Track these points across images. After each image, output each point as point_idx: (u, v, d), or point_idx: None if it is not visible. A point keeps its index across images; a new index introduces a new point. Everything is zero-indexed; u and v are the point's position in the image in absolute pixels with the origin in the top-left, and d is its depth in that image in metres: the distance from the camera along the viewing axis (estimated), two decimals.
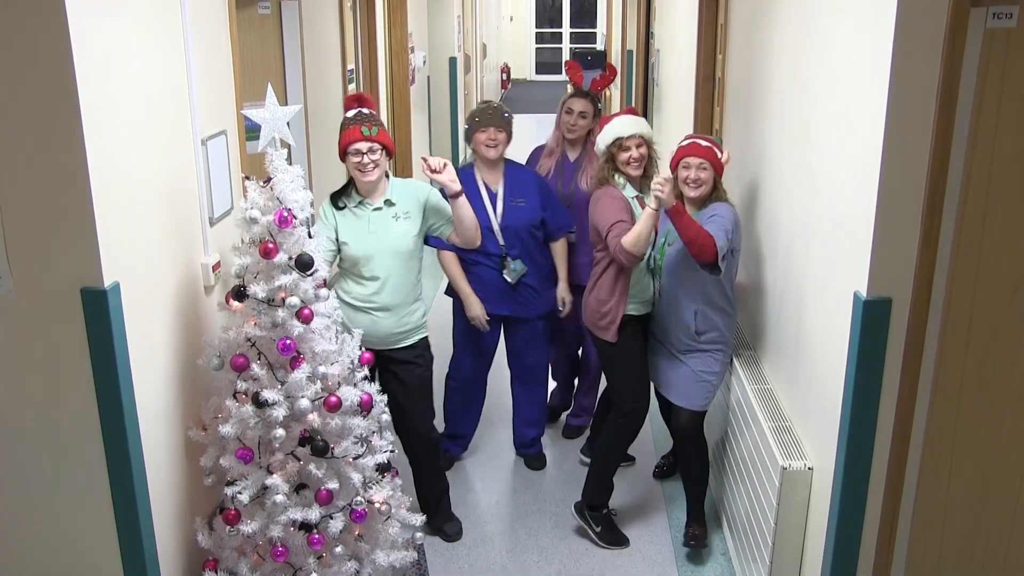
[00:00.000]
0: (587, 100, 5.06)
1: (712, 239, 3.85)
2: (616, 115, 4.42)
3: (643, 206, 4.12)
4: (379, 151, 3.96)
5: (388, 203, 4.07)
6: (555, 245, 4.96)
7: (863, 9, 2.97)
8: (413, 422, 4.32)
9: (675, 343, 4.28)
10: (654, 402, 4.65)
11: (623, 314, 4.28)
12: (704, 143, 4.12)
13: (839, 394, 3.17)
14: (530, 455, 5.35)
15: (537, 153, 5.31)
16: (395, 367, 4.22)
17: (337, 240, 4.04)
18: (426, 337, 4.33)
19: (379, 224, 4.03)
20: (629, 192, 4.27)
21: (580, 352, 5.63)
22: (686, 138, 4.23)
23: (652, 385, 4.50)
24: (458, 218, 4.08)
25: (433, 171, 3.90)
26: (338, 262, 4.13)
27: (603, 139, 4.33)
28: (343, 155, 4.02)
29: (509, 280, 4.76)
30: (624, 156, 4.27)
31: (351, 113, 4.01)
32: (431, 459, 4.49)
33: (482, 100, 4.95)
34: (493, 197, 4.75)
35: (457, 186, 3.98)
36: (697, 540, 4.44)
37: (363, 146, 3.93)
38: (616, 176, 4.31)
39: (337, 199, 4.10)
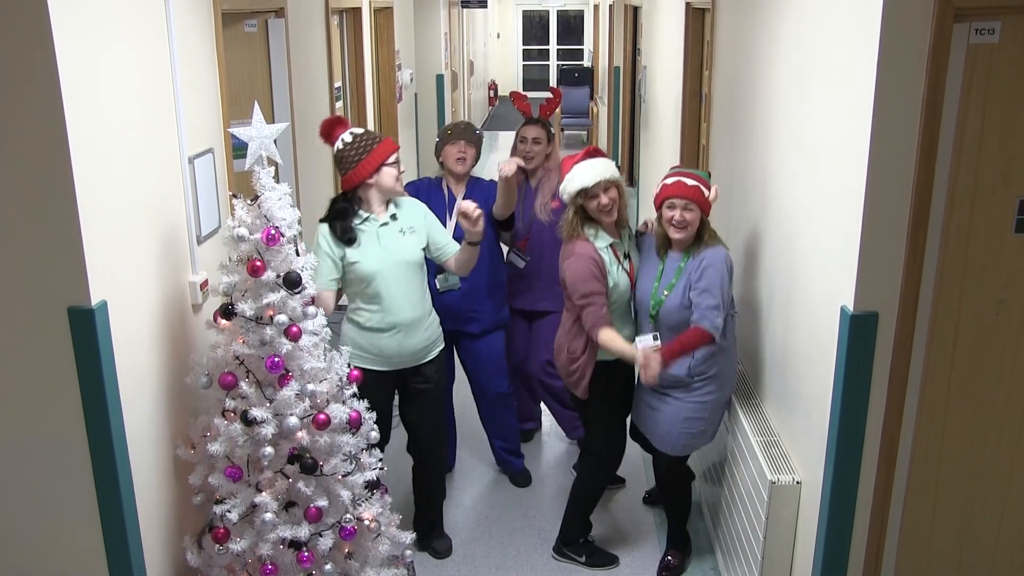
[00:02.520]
0: (539, 127, 5.07)
1: (707, 336, 3.79)
2: (575, 159, 4.08)
3: (616, 254, 4.05)
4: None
5: (393, 218, 4.04)
6: None
7: (848, 25, 3.00)
8: (429, 441, 4.36)
9: (665, 384, 3.98)
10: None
11: (596, 363, 4.10)
12: (690, 182, 3.86)
13: (827, 408, 3.18)
14: (513, 472, 5.35)
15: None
16: (418, 384, 4.21)
17: (343, 263, 3.94)
18: (444, 348, 4.33)
19: (388, 239, 4.00)
20: (602, 241, 4.02)
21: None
22: (671, 174, 3.97)
23: (633, 423, 4.39)
24: (467, 258, 4.15)
25: (466, 217, 3.92)
26: (348, 286, 4.03)
27: (566, 191, 4.04)
28: (374, 171, 3.92)
29: (438, 287, 4.72)
30: (593, 204, 3.97)
31: (361, 131, 3.95)
32: (439, 478, 4.54)
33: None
34: (452, 203, 4.71)
35: (480, 238, 4.04)
36: (670, 571, 4.42)
37: (398, 154, 4.00)
38: (585, 228, 4.04)
39: (339, 227, 3.94)
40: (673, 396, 4.02)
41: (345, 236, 3.92)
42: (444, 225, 4.53)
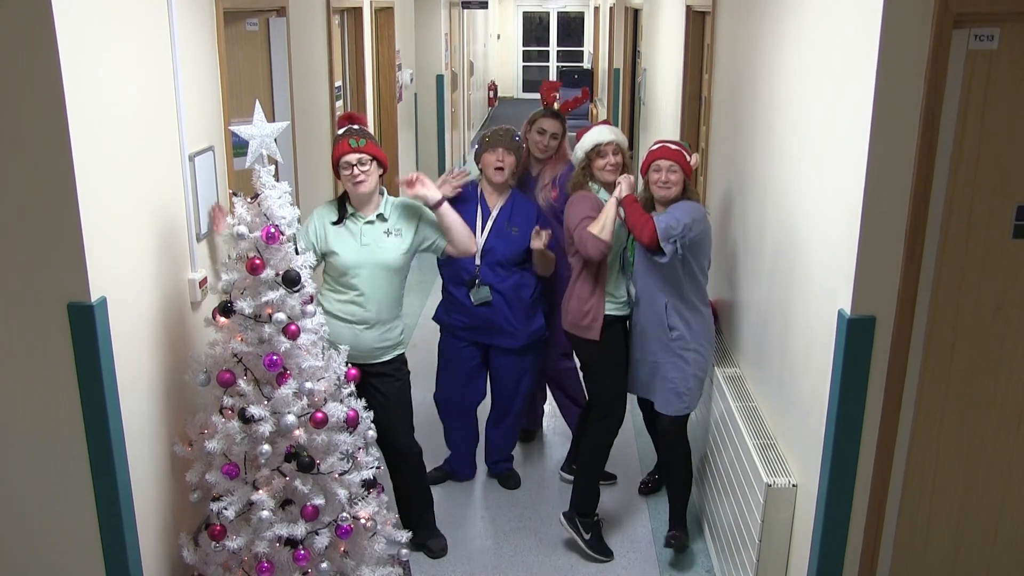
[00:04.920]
0: (558, 121, 5.07)
1: (652, 222, 4.03)
2: (593, 125, 4.57)
3: (617, 212, 4.23)
4: (369, 163, 4.01)
5: (380, 217, 4.10)
6: None
7: (847, 29, 3.01)
8: (394, 433, 4.32)
9: (651, 345, 4.35)
10: (639, 414, 4.68)
11: (604, 313, 4.37)
12: (673, 146, 4.27)
13: (823, 411, 3.19)
14: (500, 474, 5.35)
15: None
16: (375, 380, 4.23)
17: (322, 248, 4.09)
18: (403, 353, 4.37)
19: (370, 237, 4.07)
20: (604, 196, 4.37)
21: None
22: (656, 143, 4.34)
23: (635, 392, 4.55)
24: (445, 227, 4.19)
25: (409, 186, 4.07)
26: (324, 271, 4.17)
27: (582, 147, 4.47)
28: (337, 170, 4.07)
29: (473, 300, 4.70)
30: (601, 162, 4.40)
31: (342, 129, 4.07)
32: (413, 470, 4.49)
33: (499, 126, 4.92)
34: (486, 216, 4.71)
35: (436, 195, 4.12)
36: (677, 540, 4.51)
37: (352, 158, 3.98)
38: (591, 183, 4.44)
39: (340, 209, 4.13)
40: (664, 361, 4.33)
41: (337, 216, 4.13)
42: (474, 233, 4.52)
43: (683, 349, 4.28)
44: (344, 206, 4.13)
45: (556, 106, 5.19)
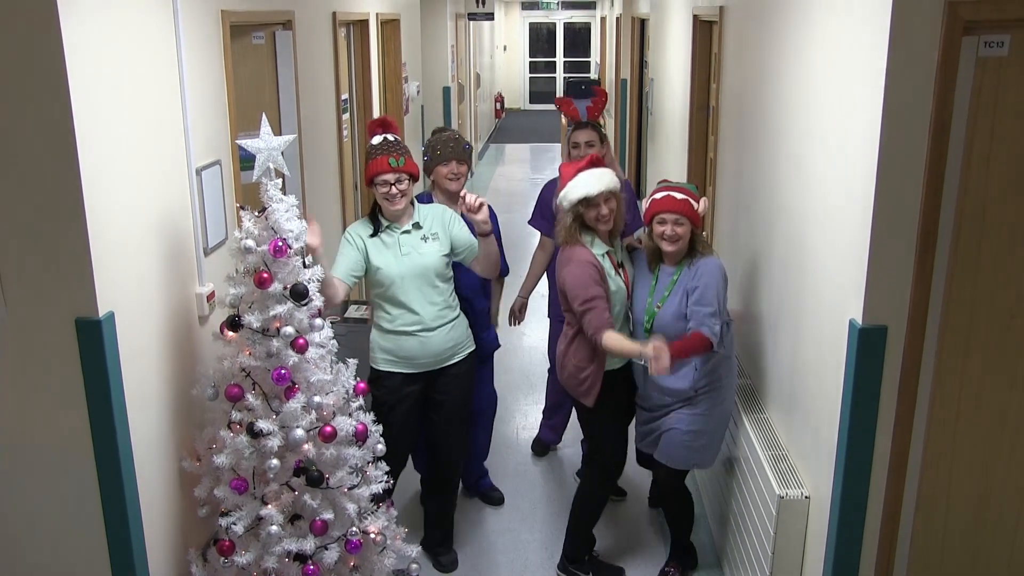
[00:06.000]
0: (590, 129, 5.07)
1: (706, 341, 3.81)
2: (576, 166, 4.07)
3: (613, 262, 4.03)
4: (406, 180, 4.01)
5: (416, 226, 4.09)
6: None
7: (856, 37, 2.99)
8: (448, 446, 4.39)
9: (666, 401, 4.04)
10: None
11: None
12: (679, 196, 3.91)
13: (835, 422, 3.17)
14: (483, 492, 5.27)
15: (551, 186, 5.25)
16: (442, 387, 4.24)
17: (367, 263, 4.02)
18: (474, 351, 4.35)
19: (411, 246, 4.05)
20: (598, 249, 4.01)
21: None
22: (659, 189, 4.01)
23: (642, 448, 4.33)
24: (484, 253, 4.14)
25: (469, 210, 3.93)
26: (373, 292, 4.13)
27: (568, 198, 3.99)
28: (370, 183, 4.04)
29: None
30: (593, 214, 3.96)
31: (377, 140, 4.03)
32: (454, 488, 4.59)
33: (437, 128, 4.91)
34: None
35: (488, 227, 4.04)
36: None
37: (391, 177, 3.96)
38: (582, 235, 4.03)
39: (374, 223, 4.07)
40: (676, 410, 4.02)
41: (372, 228, 4.06)
42: None
43: (705, 402, 3.98)
44: (376, 218, 4.09)
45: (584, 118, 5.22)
